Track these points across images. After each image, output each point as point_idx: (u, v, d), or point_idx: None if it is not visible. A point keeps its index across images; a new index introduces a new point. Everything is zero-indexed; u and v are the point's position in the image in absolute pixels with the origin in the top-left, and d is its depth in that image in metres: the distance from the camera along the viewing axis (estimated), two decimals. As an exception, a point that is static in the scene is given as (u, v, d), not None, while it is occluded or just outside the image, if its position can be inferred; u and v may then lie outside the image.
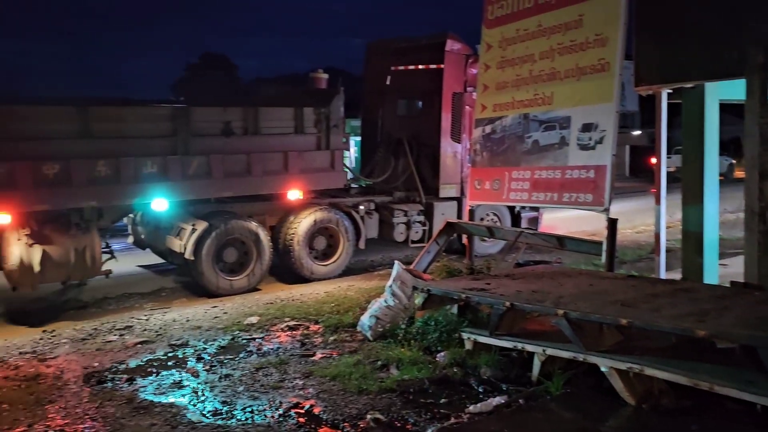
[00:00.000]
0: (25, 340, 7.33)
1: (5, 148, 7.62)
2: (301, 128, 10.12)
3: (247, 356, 6.60)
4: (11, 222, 7.88)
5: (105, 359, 6.57)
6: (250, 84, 48.77)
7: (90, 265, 8.37)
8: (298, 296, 9.20)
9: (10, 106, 7.90)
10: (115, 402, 5.40)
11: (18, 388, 5.78)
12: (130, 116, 8.73)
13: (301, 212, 10.23)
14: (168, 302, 9.11)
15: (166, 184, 8.79)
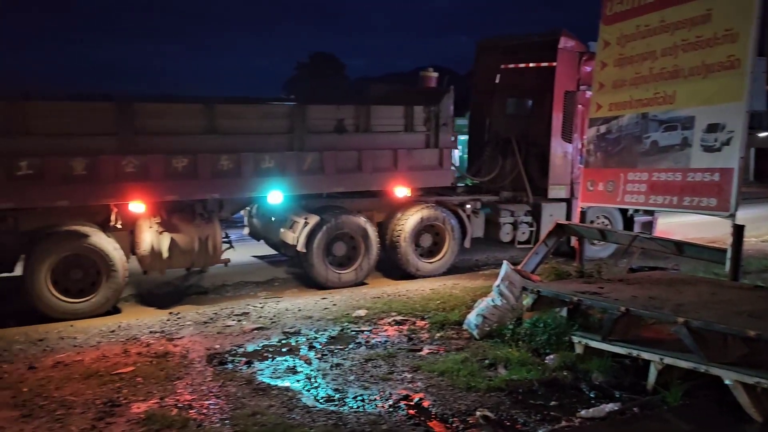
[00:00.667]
0: (153, 321, 7.91)
1: (142, 142, 8.23)
2: (410, 126, 10.24)
3: (356, 347, 6.80)
4: (145, 211, 8.53)
5: (225, 342, 6.99)
6: (357, 82, 49.71)
7: (211, 254, 8.89)
8: (404, 292, 9.34)
9: (145, 103, 8.53)
10: (236, 382, 5.74)
11: (150, 364, 6.27)
12: (251, 114, 9.18)
13: (409, 209, 10.36)
14: (280, 292, 9.52)
15: (282, 178, 9.17)
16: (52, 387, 5.66)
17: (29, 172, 7.69)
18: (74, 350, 6.77)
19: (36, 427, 4.84)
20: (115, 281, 8.27)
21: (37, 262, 7.89)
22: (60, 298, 8.05)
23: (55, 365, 6.28)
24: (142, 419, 4.94)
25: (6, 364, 6.34)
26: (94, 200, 8.19)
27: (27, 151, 7.66)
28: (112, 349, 6.74)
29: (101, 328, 7.59)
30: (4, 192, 7.58)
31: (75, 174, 7.91)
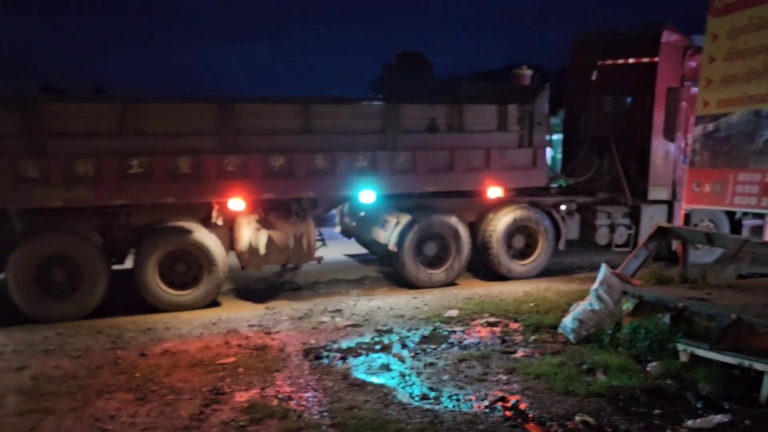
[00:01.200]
0: (251, 315, 8.20)
1: (242, 141, 8.56)
2: (504, 125, 10.10)
3: (449, 347, 6.79)
4: (244, 208, 8.86)
5: (320, 337, 7.15)
6: (446, 81, 49.53)
7: (306, 251, 9.12)
8: (496, 293, 9.23)
9: (245, 104, 8.85)
10: (332, 377, 5.86)
11: (250, 356, 6.50)
12: (345, 113, 9.34)
13: (501, 210, 10.23)
14: (372, 290, 9.63)
15: (374, 177, 9.28)
16: (161, 373, 5.99)
17: (140, 170, 8.15)
18: (180, 340, 7.13)
19: (149, 410, 5.12)
20: (216, 276, 8.63)
21: (146, 256, 8.36)
22: (165, 290, 8.49)
23: (163, 353, 6.63)
24: (245, 407, 5.14)
25: (120, 350, 6.76)
26: (197, 198, 8.58)
27: (138, 150, 8.12)
28: (215, 340, 7.05)
29: (203, 320, 7.95)
30: (118, 190, 8.07)
31: (180, 172, 8.31)
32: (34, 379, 5.91)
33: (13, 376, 6.04)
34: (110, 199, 8.14)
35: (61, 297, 8.12)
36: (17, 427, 4.86)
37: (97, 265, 8.16)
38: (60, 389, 5.64)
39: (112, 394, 5.49)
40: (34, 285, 7.96)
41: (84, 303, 8.14)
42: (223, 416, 4.98)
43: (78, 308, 8.12)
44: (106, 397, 5.44)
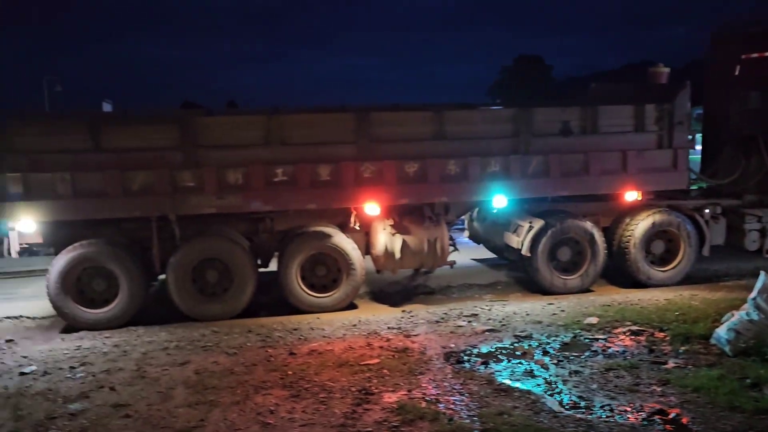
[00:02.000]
0: (388, 317, 8.41)
1: (377, 148, 8.79)
2: (641, 126, 9.70)
3: (593, 356, 6.62)
4: (379, 213, 9.10)
5: (459, 342, 7.20)
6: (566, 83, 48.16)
7: (439, 255, 9.22)
8: (636, 301, 8.88)
9: (380, 112, 9.09)
10: (476, 381, 5.90)
11: (392, 358, 6.68)
12: (477, 118, 9.35)
13: (638, 214, 9.82)
14: (504, 295, 9.56)
15: (506, 182, 9.21)
16: (311, 372, 6.28)
17: (284, 178, 8.59)
18: (324, 340, 7.44)
19: (305, 407, 5.40)
20: (354, 279, 8.92)
21: (290, 259, 8.79)
22: (307, 292, 8.89)
23: (311, 353, 6.95)
24: (395, 408, 5.29)
25: (271, 348, 7.16)
26: (336, 203, 8.91)
27: (282, 159, 8.57)
28: (357, 342, 7.29)
29: (344, 322, 8.24)
30: (264, 196, 8.56)
31: (321, 179, 8.68)
32: (197, 374, 6.40)
33: (179, 370, 6.56)
34: (257, 206, 8.64)
35: (214, 297, 8.72)
36: (189, 417, 5.28)
37: (246, 268, 8.69)
38: (221, 383, 6.07)
39: (269, 390, 5.84)
40: (190, 285, 8.61)
41: (234, 303, 8.69)
42: (375, 416, 5.15)
43: (229, 308, 8.68)
44: (263, 393, 5.79)
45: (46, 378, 6.46)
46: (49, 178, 8.04)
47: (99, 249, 8.38)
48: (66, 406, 5.62)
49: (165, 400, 5.68)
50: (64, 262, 8.30)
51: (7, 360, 7.18)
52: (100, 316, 8.42)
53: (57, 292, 8.31)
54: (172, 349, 7.31)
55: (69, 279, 8.33)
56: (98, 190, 8.18)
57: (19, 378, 6.52)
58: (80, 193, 8.13)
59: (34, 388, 6.15)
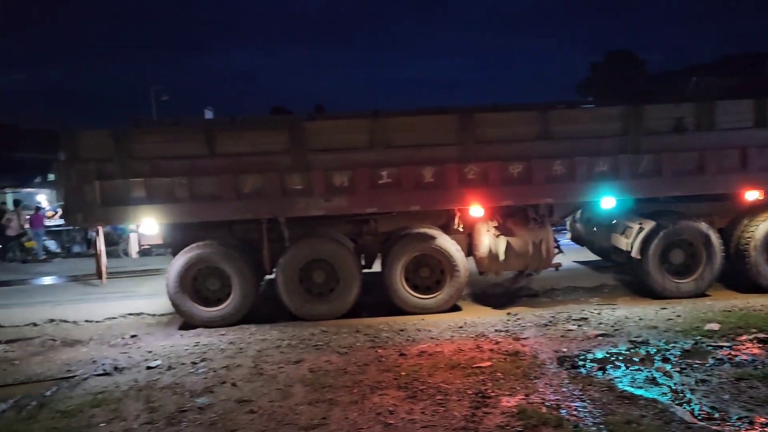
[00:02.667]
0: (494, 320, 8.32)
1: (481, 150, 8.71)
2: (762, 121, 9.14)
3: (718, 364, 6.28)
4: (483, 215, 9.02)
5: (571, 346, 7.02)
6: (661, 78, 46.06)
7: (545, 258, 9.04)
8: (759, 306, 8.38)
9: (484, 113, 9.01)
10: (596, 388, 5.72)
11: (504, 361, 6.59)
12: (584, 117, 9.10)
13: (760, 214, 9.28)
14: (612, 299, 9.27)
15: (615, 182, 8.91)
16: (424, 373, 6.29)
17: (388, 181, 8.68)
18: (432, 342, 7.44)
19: (423, 408, 5.41)
20: (458, 281, 8.89)
21: (394, 260, 8.87)
22: (411, 293, 8.94)
23: (420, 354, 6.97)
24: (515, 413, 5.20)
25: (380, 349, 7.24)
26: (440, 205, 8.92)
27: (387, 162, 8.65)
28: (466, 344, 7.25)
29: (449, 324, 8.22)
30: (369, 199, 8.67)
31: (425, 181, 8.70)
32: (312, 372, 6.55)
33: (294, 368, 6.74)
34: (363, 208, 8.77)
35: (320, 297, 8.92)
36: (310, 415, 5.40)
37: (352, 269, 8.84)
38: (336, 382, 6.18)
39: (384, 391, 5.89)
40: (298, 285, 8.84)
41: (341, 303, 8.86)
42: (495, 420, 5.09)
43: (335, 308, 8.86)
44: (379, 393, 5.84)
45: (171, 372, 6.79)
46: (169, 182, 8.47)
47: (214, 250, 8.75)
48: (193, 400, 5.88)
49: (285, 397, 5.84)
50: (182, 262, 8.72)
51: (134, 354, 7.61)
52: (215, 314, 8.79)
53: (176, 290, 8.73)
54: (284, 348, 7.52)
55: (186, 278, 8.75)
56: (213, 193, 8.54)
57: (147, 372, 6.88)
58: (196, 197, 8.52)
59: (161, 382, 6.48)
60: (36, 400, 6.13)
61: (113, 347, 8.08)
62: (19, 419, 5.71)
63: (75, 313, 9.93)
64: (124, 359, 7.41)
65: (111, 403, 5.92)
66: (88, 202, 8.38)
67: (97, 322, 9.49)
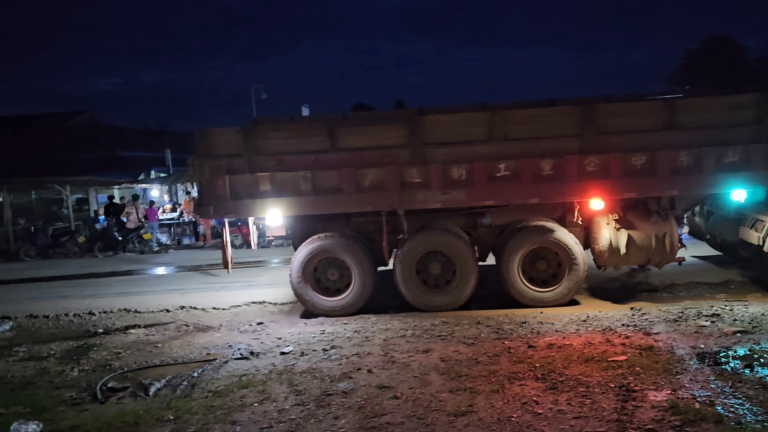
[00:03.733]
0: (618, 314, 8.17)
1: (602, 141, 8.54)
2: None
3: None
4: (603, 208, 8.86)
5: (708, 342, 6.80)
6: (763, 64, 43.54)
7: (668, 252, 8.77)
8: None
9: (606, 104, 8.83)
10: (748, 385, 5.51)
11: (639, 355, 6.46)
12: (713, 106, 8.74)
13: None
14: (741, 295, 8.90)
15: (746, 173, 8.51)
16: (559, 365, 6.27)
17: (506, 173, 8.65)
18: (558, 335, 7.40)
19: (568, 399, 5.40)
20: (577, 274, 8.78)
21: (512, 254, 8.85)
22: (529, 286, 8.90)
23: (549, 346, 6.94)
24: (666, 407, 5.11)
25: (507, 340, 7.27)
26: (559, 198, 8.83)
27: (504, 154, 8.63)
28: (594, 338, 7.17)
29: (571, 317, 8.14)
30: (486, 192, 8.69)
31: (543, 174, 8.61)
32: (443, 361, 6.65)
33: (424, 357, 6.87)
34: (480, 201, 8.80)
35: (436, 289, 9.02)
36: (454, 402, 5.49)
37: (469, 261, 8.89)
38: (471, 372, 6.26)
39: (522, 381, 5.91)
40: (415, 277, 8.98)
41: (458, 295, 8.93)
42: (648, 414, 5.02)
43: (452, 300, 8.94)
44: (517, 383, 5.87)
45: (305, 358, 7.07)
46: (293, 176, 8.78)
47: (335, 241, 9.01)
48: (335, 385, 6.10)
49: (424, 384, 5.97)
50: (304, 253, 9.03)
51: (266, 341, 7.96)
52: (335, 303, 9.06)
53: (298, 280, 9.06)
54: (409, 337, 7.67)
55: (308, 269, 9.05)
56: (334, 187, 8.79)
57: (282, 357, 7.19)
58: (319, 190, 8.79)
59: (298, 367, 6.75)
60: (186, 380, 6.53)
61: (243, 333, 8.48)
62: (176, 397, 6.10)
63: (202, 300, 10.49)
64: (257, 345, 7.77)
65: (257, 385, 6.23)
66: (219, 196, 8.80)
67: (223, 310, 9.98)
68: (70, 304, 10.79)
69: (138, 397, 6.18)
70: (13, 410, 5.93)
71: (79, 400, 6.21)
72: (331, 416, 5.35)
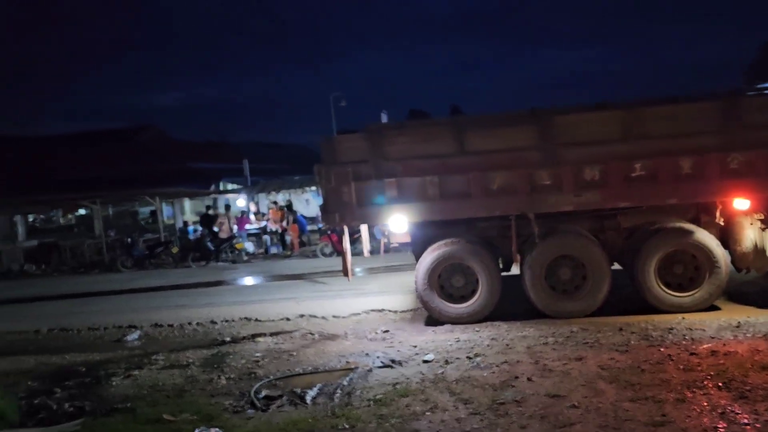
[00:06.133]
0: (765, 318, 7.75)
1: (747, 137, 8.09)
2: None
3: None
4: (748, 207, 8.42)
5: None
6: None
7: (820, 255, 8.27)
8: None
9: (754, 98, 8.43)
10: None
11: (824, 362, 6.05)
12: None
13: None
14: None
15: None
16: (735, 374, 5.88)
17: (642, 173, 8.33)
18: (715, 341, 7.01)
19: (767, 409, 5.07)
20: (719, 278, 8.36)
21: (648, 257, 8.50)
22: (666, 291, 8.52)
23: (713, 353, 6.57)
24: None
25: (662, 348, 6.93)
26: (700, 197, 8.46)
27: (641, 154, 8.31)
28: (758, 344, 6.76)
29: (720, 323, 7.74)
30: (621, 193, 8.38)
31: (683, 173, 8.25)
32: (604, 369, 6.37)
33: (579, 364, 6.60)
34: (614, 202, 8.49)
35: (566, 294, 8.74)
36: (643, 412, 5.15)
37: (602, 265, 8.59)
38: (641, 380, 5.95)
39: (704, 390, 5.58)
40: (544, 282, 8.72)
41: (590, 301, 8.63)
42: None
43: (585, 306, 8.64)
44: (699, 392, 5.55)
45: (452, 366, 6.89)
46: (420, 182, 8.67)
47: (461, 247, 8.86)
48: (501, 393, 5.91)
49: (596, 394, 5.71)
50: (430, 260, 8.90)
51: (401, 348, 7.84)
52: (462, 310, 8.89)
53: (424, 287, 8.93)
54: (553, 344, 7.42)
55: (434, 275, 8.91)
56: (462, 191, 8.64)
57: (426, 365, 7.04)
58: (446, 195, 8.66)
59: (449, 375, 6.58)
60: (339, 389, 6.45)
61: (373, 341, 8.38)
62: (336, 405, 6.02)
63: (319, 308, 10.49)
64: (393, 353, 7.65)
65: (416, 394, 6.09)
66: (345, 203, 8.77)
67: (343, 318, 9.94)
68: (190, 313, 10.97)
69: (297, 405, 6.13)
70: (182, 417, 5.97)
71: (239, 407, 6.20)
72: (516, 425, 5.16)
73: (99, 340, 10.13)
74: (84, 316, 11.83)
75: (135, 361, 8.35)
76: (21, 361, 8.94)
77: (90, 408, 6.49)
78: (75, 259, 22.39)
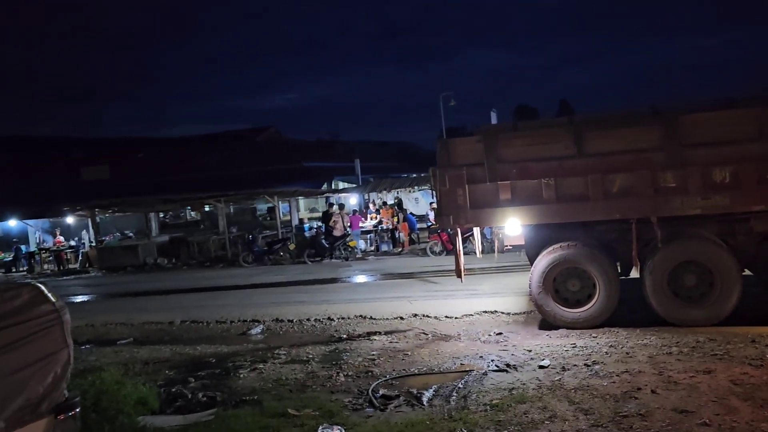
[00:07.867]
0: None
1: None
2: None
3: None
4: None
5: None
6: None
7: None
8: None
9: None
10: None
11: None
12: None
13: None
14: None
15: None
16: None
17: (779, 174, 7.78)
18: None
19: None
20: None
21: (788, 265, 7.93)
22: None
23: None
24: None
25: (804, 363, 6.46)
26: None
27: (778, 154, 7.76)
28: None
29: None
30: (756, 195, 7.86)
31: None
32: (737, 385, 6.03)
33: (708, 378, 6.28)
34: (747, 206, 8.01)
35: (689, 301, 8.33)
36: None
37: (732, 272, 8.12)
38: (782, 397, 5.60)
39: None
40: (667, 289, 8.35)
41: (718, 310, 8.18)
42: None
43: (711, 314, 8.21)
44: None
45: (569, 373, 6.77)
46: (535, 184, 8.56)
47: (578, 251, 8.66)
48: (623, 405, 5.75)
49: (729, 411, 5.42)
50: (545, 263, 8.77)
51: (516, 352, 7.79)
52: (579, 315, 8.70)
53: (539, 290, 8.81)
54: (677, 355, 7.11)
55: (549, 279, 8.77)
56: (579, 194, 8.44)
57: (542, 371, 6.96)
58: (563, 198, 8.49)
59: (567, 383, 6.47)
60: (455, 391, 6.53)
61: (486, 344, 8.39)
62: (453, 408, 6.09)
63: (431, 308, 10.62)
64: (508, 356, 7.63)
65: (534, 401, 6.05)
66: (459, 205, 8.82)
67: (456, 318, 10.02)
68: (308, 310, 11.45)
69: (414, 407, 6.27)
70: (305, 413, 6.28)
71: (358, 405, 6.43)
72: (641, 441, 5.02)
73: (226, 333, 10.82)
74: (212, 309, 12.64)
75: (259, 354, 8.86)
76: (158, 351, 9.72)
77: (221, 398, 6.97)
78: (201, 254, 23.87)
